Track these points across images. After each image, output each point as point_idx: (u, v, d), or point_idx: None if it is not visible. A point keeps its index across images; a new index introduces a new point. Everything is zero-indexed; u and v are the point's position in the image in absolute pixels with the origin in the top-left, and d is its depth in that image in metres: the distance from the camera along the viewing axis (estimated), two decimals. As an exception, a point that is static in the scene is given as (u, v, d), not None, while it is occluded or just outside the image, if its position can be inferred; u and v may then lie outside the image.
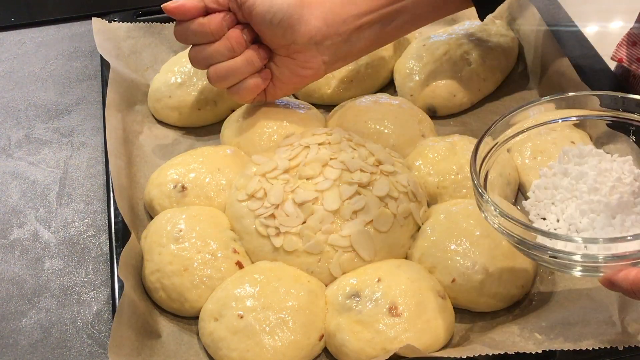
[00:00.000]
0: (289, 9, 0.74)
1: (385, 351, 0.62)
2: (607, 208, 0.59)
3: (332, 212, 0.70)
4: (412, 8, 0.78)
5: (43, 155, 0.87)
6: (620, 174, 0.61)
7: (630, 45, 0.82)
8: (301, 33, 0.75)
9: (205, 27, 0.75)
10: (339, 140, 0.75)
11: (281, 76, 0.79)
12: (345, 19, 0.76)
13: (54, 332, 0.70)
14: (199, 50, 0.77)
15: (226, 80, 0.77)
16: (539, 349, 0.61)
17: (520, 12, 0.95)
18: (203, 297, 0.68)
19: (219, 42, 0.75)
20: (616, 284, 0.55)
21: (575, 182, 0.62)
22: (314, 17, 0.75)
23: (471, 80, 0.88)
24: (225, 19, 0.75)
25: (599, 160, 0.63)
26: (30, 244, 0.78)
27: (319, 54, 0.77)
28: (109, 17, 0.98)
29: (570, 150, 0.64)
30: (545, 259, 0.57)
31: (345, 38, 0.77)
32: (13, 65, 1.00)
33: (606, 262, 0.55)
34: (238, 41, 0.76)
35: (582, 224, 0.60)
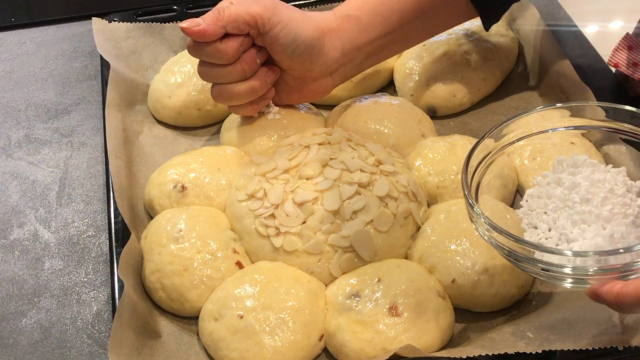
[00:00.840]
0: (312, 41, 0.73)
1: (385, 351, 0.62)
2: (598, 219, 0.59)
3: (332, 212, 0.70)
4: (422, 28, 0.78)
5: (43, 155, 0.87)
6: (613, 185, 0.62)
7: (627, 49, 0.82)
8: (319, 64, 0.75)
9: (222, 52, 0.72)
10: (339, 140, 0.76)
11: (289, 93, 0.79)
12: (360, 46, 0.76)
13: (54, 332, 0.70)
14: (210, 69, 0.75)
15: (230, 101, 0.77)
16: (539, 349, 0.61)
17: (520, 12, 0.95)
18: (203, 297, 0.68)
19: (231, 67, 0.74)
20: (601, 296, 0.55)
21: (568, 192, 0.62)
22: (333, 48, 0.75)
23: (471, 80, 0.88)
24: (242, 44, 0.73)
25: (593, 171, 0.63)
26: (30, 244, 0.78)
27: (332, 80, 0.78)
28: (109, 17, 0.98)
29: (565, 159, 0.64)
30: (536, 271, 0.58)
31: (357, 63, 0.78)
32: (13, 65, 1.00)
33: (594, 275, 0.55)
34: (251, 67, 0.74)
35: (573, 234, 0.60)
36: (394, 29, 0.76)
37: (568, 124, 0.69)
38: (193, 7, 1.02)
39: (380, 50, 0.78)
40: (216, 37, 0.72)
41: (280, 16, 0.72)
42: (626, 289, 0.54)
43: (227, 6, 0.71)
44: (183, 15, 1.00)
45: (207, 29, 0.71)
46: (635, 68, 0.82)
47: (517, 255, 0.58)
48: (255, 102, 0.78)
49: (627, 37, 0.82)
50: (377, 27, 0.76)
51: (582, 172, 0.63)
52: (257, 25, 0.72)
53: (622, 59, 0.82)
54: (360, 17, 0.75)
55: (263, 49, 0.75)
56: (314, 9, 0.98)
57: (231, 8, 0.71)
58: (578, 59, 0.93)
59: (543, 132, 0.69)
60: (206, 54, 0.73)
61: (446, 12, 0.79)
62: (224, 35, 0.72)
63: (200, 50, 0.73)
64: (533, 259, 0.57)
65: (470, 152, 0.64)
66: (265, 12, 0.71)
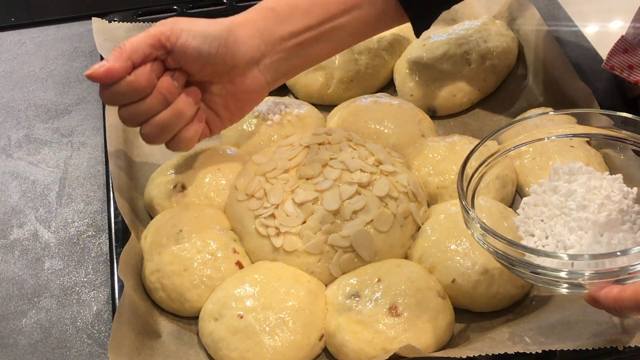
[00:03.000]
0: (222, 33, 0.70)
1: (385, 351, 0.62)
2: (595, 226, 0.59)
3: (332, 212, 0.70)
4: (349, 25, 0.76)
5: (43, 155, 0.87)
6: (609, 192, 0.61)
7: (622, 52, 0.82)
8: (241, 54, 0.71)
9: (135, 84, 0.67)
10: (339, 140, 0.75)
11: (225, 105, 0.74)
12: (283, 36, 0.73)
13: (54, 332, 0.70)
14: (131, 110, 0.69)
15: (163, 135, 0.71)
16: (539, 348, 0.61)
17: (520, 12, 0.95)
18: (203, 297, 0.68)
19: (150, 97, 0.69)
20: (599, 300, 0.55)
21: (565, 199, 0.62)
22: (250, 37, 0.72)
23: (471, 80, 0.88)
24: (153, 69, 0.68)
25: (589, 178, 0.63)
26: (30, 244, 0.78)
27: (261, 74, 0.74)
28: (109, 17, 0.98)
29: (561, 167, 0.64)
30: (532, 276, 0.58)
31: (285, 55, 0.74)
32: (13, 65, 1.00)
33: (590, 280, 0.55)
34: (170, 90, 0.69)
35: (570, 241, 0.60)
36: (319, 23, 0.74)
37: (569, 131, 0.69)
38: (193, 7, 1.02)
39: (309, 45, 0.75)
40: (125, 72, 0.67)
41: (181, 25, 0.69)
42: (624, 293, 0.54)
43: (126, 40, 0.68)
44: (183, 15, 1.00)
45: (113, 66, 0.66)
46: (631, 71, 0.82)
47: (512, 260, 0.57)
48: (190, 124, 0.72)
49: (623, 40, 0.82)
50: (299, 20, 0.73)
51: (578, 180, 0.63)
52: (162, 42, 0.68)
53: (617, 62, 0.82)
54: (275, 8, 0.73)
55: (177, 72, 0.70)
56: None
57: (131, 39, 0.68)
58: (578, 59, 0.93)
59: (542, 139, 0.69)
60: (121, 94, 0.68)
61: (376, 14, 0.76)
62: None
63: (114, 94, 0.68)
64: (528, 264, 0.57)
65: (466, 160, 0.64)
66: (164, 27, 0.68)
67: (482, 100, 0.90)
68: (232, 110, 0.75)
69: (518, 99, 0.91)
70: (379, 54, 0.91)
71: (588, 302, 0.56)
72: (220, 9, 1.02)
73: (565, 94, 0.85)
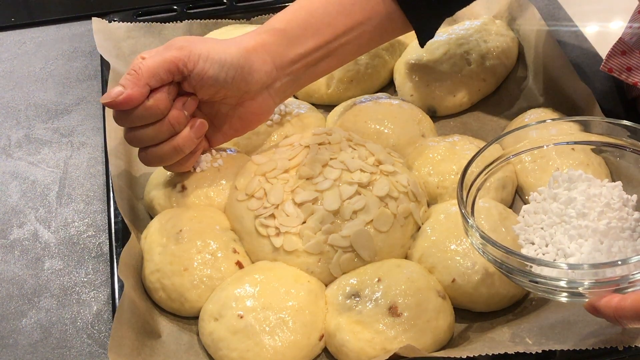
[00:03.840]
0: (240, 61, 0.69)
1: (385, 351, 0.62)
2: (595, 233, 0.59)
3: (332, 212, 0.70)
4: (356, 40, 0.76)
5: (43, 155, 0.87)
6: (609, 200, 0.61)
7: (620, 54, 0.82)
8: (255, 81, 0.71)
9: (153, 109, 0.67)
10: (339, 140, 0.75)
11: (230, 124, 0.75)
12: (293, 59, 0.73)
13: (54, 332, 0.70)
14: (138, 134, 0.69)
15: (161, 164, 0.72)
16: (539, 348, 0.61)
17: (520, 12, 0.95)
18: (203, 297, 0.68)
19: (159, 124, 0.69)
20: (599, 309, 0.55)
21: (564, 207, 0.62)
22: (263, 62, 0.71)
23: (471, 80, 0.88)
24: (170, 92, 0.69)
25: (588, 186, 0.63)
26: (30, 244, 0.78)
27: (270, 97, 0.74)
28: (109, 17, 0.98)
29: (560, 175, 0.64)
30: (531, 285, 0.58)
31: (294, 77, 0.74)
32: (13, 65, 1.00)
33: (590, 288, 0.55)
34: (179, 121, 0.69)
35: (570, 249, 0.60)
36: (327, 42, 0.74)
37: (570, 138, 0.69)
38: (193, 7, 1.02)
39: (316, 64, 0.75)
40: (143, 98, 0.67)
41: (199, 51, 0.68)
42: (624, 302, 0.54)
43: (141, 62, 0.67)
44: (183, 15, 1.00)
45: (132, 93, 0.66)
46: (629, 73, 0.82)
47: (512, 269, 0.57)
48: (186, 159, 0.73)
49: (621, 42, 0.82)
50: (309, 40, 0.73)
51: (578, 187, 0.63)
52: (180, 69, 0.68)
53: (615, 65, 0.82)
54: (286, 29, 0.73)
55: (190, 99, 0.70)
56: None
57: (147, 63, 0.67)
58: (578, 59, 0.93)
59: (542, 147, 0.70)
60: (136, 118, 0.68)
61: (381, 27, 0.77)
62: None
63: (130, 118, 0.68)
64: (528, 273, 0.57)
65: (466, 167, 0.64)
66: (181, 53, 0.68)
67: (482, 100, 0.90)
68: (236, 127, 0.75)
69: (518, 99, 0.90)
70: (379, 54, 0.91)
71: (589, 311, 0.56)
72: (221, 9, 1.02)
73: (565, 94, 0.85)
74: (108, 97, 0.66)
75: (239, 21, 0.99)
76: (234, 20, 0.99)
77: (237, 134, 0.76)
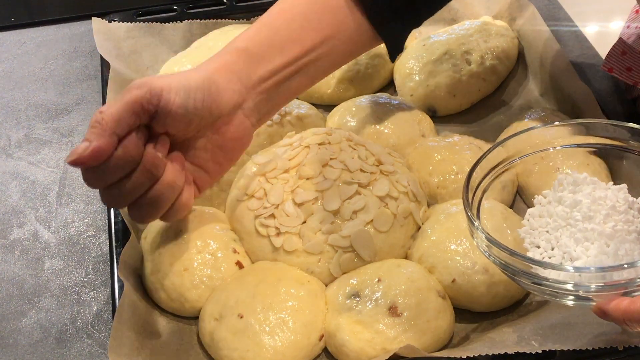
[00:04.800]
0: (205, 83, 0.65)
1: (385, 351, 0.62)
2: (601, 236, 0.59)
3: (332, 212, 0.70)
4: (327, 56, 0.73)
5: (43, 155, 0.87)
6: (615, 202, 0.61)
7: (620, 54, 0.82)
8: (225, 102, 0.66)
9: (125, 158, 0.61)
10: (339, 140, 0.75)
11: (213, 159, 0.69)
12: (261, 77, 0.69)
13: (54, 332, 0.70)
14: (116, 192, 0.63)
15: (155, 212, 0.66)
16: (539, 348, 0.61)
17: (520, 12, 0.95)
18: (203, 297, 0.68)
19: (136, 174, 0.63)
20: (608, 313, 0.55)
21: (570, 210, 0.62)
22: (229, 81, 0.67)
23: (471, 80, 0.88)
24: (140, 137, 0.63)
25: (593, 188, 0.62)
26: (30, 244, 0.78)
27: (246, 118, 0.69)
28: (109, 17, 0.98)
29: (565, 178, 0.64)
30: (537, 287, 0.57)
31: (266, 96, 0.70)
32: (13, 65, 1.00)
33: (598, 292, 0.55)
34: (155, 164, 0.63)
35: (576, 252, 0.59)
36: (296, 58, 0.70)
37: (574, 141, 0.69)
38: (193, 7, 1.02)
39: (288, 81, 0.71)
40: (112, 148, 0.61)
41: (159, 84, 0.63)
42: (634, 306, 0.53)
43: (102, 112, 0.61)
44: (183, 15, 1.00)
45: (99, 145, 0.59)
46: (629, 73, 0.82)
47: (517, 271, 0.57)
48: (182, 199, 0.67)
49: (621, 42, 0.82)
50: (276, 57, 0.69)
51: (583, 190, 0.62)
52: (145, 107, 0.62)
53: (615, 65, 0.82)
54: (249, 48, 0.69)
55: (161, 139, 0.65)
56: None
57: (109, 111, 0.61)
58: (578, 59, 0.93)
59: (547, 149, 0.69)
60: (109, 173, 0.62)
61: (351, 41, 0.75)
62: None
63: (101, 174, 0.62)
64: (534, 276, 0.56)
65: (471, 171, 0.64)
66: (142, 91, 0.62)
67: (482, 100, 0.90)
68: (220, 162, 0.70)
69: (518, 99, 0.90)
70: (379, 54, 0.91)
71: (597, 314, 0.56)
72: (220, 9, 1.02)
73: (565, 94, 0.85)
74: (74, 154, 0.60)
75: (239, 21, 0.99)
76: (234, 20, 0.99)
77: (223, 168, 0.71)
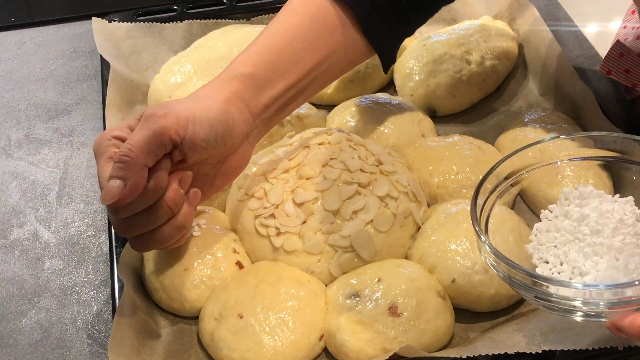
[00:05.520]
0: (223, 115, 0.65)
1: (385, 351, 0.62)
2: (610, 250, 0.58)
3: (332, 212, 0.70)
4: (325, 74, 0.73)
5: (43, 155, 0.87)
6: (622, 215, 0.61)
7: (617, 57, 0.82)
8: (237, 133, 0.67)
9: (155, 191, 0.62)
10: (339, 140, 0.75)
11: (211, 183, 0.69)
12: (266, 103, 0.69)
13: (54, 332, 0.70)
14: (134, 222, 0.62)
15: (164, 244, 0.65)
16: (539, 348, 0.61)
17: (520, 12, 0.95)
18: (203, 297, 0.68)
19: (156, 206, 0.62)
20: (623, 329, 0.54)
21: (577, 225, 0.61)
22: (240, 111, 0.67)
23: (471, 80, 0.88)
24: (166, 168, 0.63)
25: (600, 202, 0.62)
26: (30, 244, 0.78)
27: (250, 145, 0.70)
28: (109, 17, 0.98)
29: (571, 192, 0.64)
30: (547, 304, 0.56)
31: (268, 121, 0.71)
32: (13, 65, 1.00)
33: (610, 309, 0.54)
34: (176, 202, 0.63)
35: (586, 267, 0.59)
36: (297, 81, 0.70)
37: (582, 154, 0.68)
38: (193, 7, 1.02)
39: (289, 103, 0.72)
40: (145, 181, 0.60)
41: (185, 114, 0.63)
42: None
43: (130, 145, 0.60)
44: (183, 15, 1.00)
45: (136, 182, 0.59)
46: (627, 75, 0.82)
47: (525, 287, 0.56)
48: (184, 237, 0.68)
49: (618, 45, 0.82)
50: (279, 82, 0.69)
51: (590, 204, 0.62)
52: (172, 138, 0.62)
53: (614, 67, 0.82)
54: (254, 73, 0.68)
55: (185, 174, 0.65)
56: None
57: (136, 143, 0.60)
58: (578, 59, 0.93)
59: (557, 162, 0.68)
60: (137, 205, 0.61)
61: (346, 58, 0.74)
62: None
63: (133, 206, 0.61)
64: (544, 293, 0.55)
65: (479, 186, 0.63)
66: (169, 121, 0.62)
67: (482, 100, 0.90)
68: (217, 184, 0.70)
69: (518, 99, 0.90)
70: (379, 54, 0.91)
71: (611, 331, 0.55)
72: (221, 9, 1.02)
73: (565, 94, 0.85)
74: (110, 196, 0.59)
75: (239, 21, 0.99)
76: (234, 20, 0.99)
77: (217, 190, 0.70)
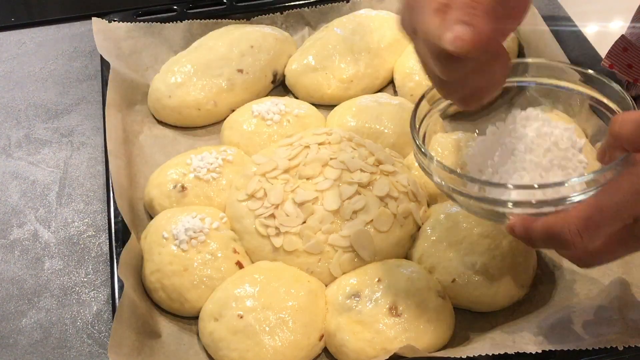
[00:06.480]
0: None
1: (385, 351, 0.62)
2: (537, 167, 0.61)
3: (332, 212, 0.70)
4: None
5: (43, 155, 0.87)
6: (559, 139, 0.63)
7: (621, 51, 0.82)
8: None
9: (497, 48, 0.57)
10: (339, 140, 0.76)
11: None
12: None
13: (54, 332, 0.70)
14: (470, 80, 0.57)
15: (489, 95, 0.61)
16: (539, 349, 0.61)
17: (520, 12, 0.95)
18: (203, 297, 0.68)
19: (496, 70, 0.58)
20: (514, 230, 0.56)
21: (516, 142, 0.63)
22: None
23: (471, 80, 0.88)
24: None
25: (542, 124, 0.64)
26: (30, 244, 0.78)
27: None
28: (109, 17, 0.98)
29: (519, 113, 0.66)
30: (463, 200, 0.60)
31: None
32: (13, 65, 1.00)
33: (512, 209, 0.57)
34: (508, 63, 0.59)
35: (513, 179, 0.61)
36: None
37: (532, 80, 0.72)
38: (193, 7, 1.02)
39: None
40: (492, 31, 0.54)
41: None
42: (535, 224, 0.55)
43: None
44: (183, 15, 1.00)
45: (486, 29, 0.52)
46: (630, 69, 0.82)
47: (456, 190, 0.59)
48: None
49: (623, 39, 0.82)
50: None
51: (533, 125, 0.64)
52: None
53: (616, 61, 0.82)
54: None
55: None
56: (315, 9, 0.98)
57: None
58: (578, 59, 0.93)
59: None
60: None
61: None
62: None
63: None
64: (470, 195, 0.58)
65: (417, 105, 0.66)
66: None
67: (483, 99, 0.90)
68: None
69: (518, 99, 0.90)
70: (379, 54, 0.91)
71: (507, 231, 0.58)
72: (221, 9, 1.02)
73: (565, 94, 0.85)
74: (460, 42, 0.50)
75: (239, 21, 0.99)
76: (234, 21, 0.99)
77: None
